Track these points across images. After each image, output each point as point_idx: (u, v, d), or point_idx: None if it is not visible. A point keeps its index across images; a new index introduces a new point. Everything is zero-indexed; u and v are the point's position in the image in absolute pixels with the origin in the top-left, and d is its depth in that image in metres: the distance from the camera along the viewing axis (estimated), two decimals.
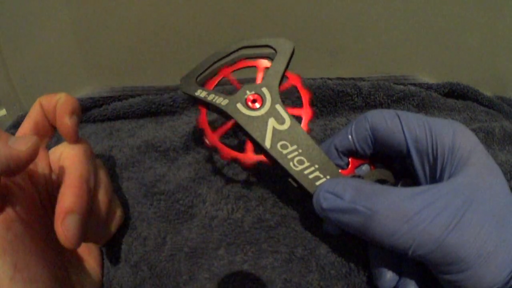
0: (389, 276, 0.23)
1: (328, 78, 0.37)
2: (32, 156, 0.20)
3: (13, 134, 0.35)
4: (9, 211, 0.20)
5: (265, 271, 0.25)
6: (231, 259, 0.26)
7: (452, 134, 0.21)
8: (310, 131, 0.25)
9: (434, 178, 0.22)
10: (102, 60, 0.43)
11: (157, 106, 0.36)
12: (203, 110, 0.26)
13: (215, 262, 0.26)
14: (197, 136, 0.33)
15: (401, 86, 0.36)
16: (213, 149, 0.25)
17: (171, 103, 0.36)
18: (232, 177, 0.30)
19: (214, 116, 0.29)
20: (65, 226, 0.20)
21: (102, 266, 0.27)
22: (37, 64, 0.42)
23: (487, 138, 0.33)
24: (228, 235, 0.27)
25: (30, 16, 0.39)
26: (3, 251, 0.18)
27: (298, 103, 0.27)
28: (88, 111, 0.37)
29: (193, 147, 0.33)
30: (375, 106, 0.36)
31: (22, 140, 0.20)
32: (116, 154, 0.32)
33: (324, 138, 0.33)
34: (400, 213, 0.19)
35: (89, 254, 0.26)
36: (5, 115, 0.44)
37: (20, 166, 0.19)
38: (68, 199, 0.21)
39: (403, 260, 0.23)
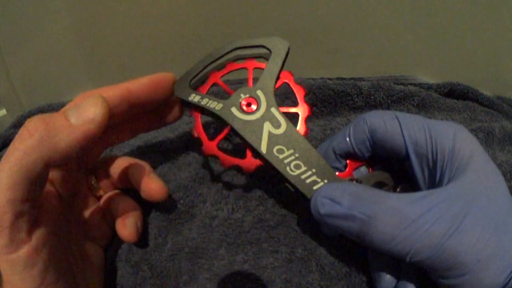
0: (388, 278, 0.23)
1: (328, 78, 0.37)
2: (101, 131, 0.18)
3: (13, 134, 0.35)
4: (40, 232, 0.19)
5: (265, 271, 0.25)
6: (231, 259, 0.26)
7: (452, 138, 0.21)
8: (308, 130, 0.25)
9: (434, 181, 0.22)
10: (102, 60, 0.43)
11: None
12: (198, 118, 0.26)
13: (216, 262, 0.26)
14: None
15: (401, 86, 0.36)
16: (212, 157, 0.25)
17: None
18: (233, 177, 0.30)
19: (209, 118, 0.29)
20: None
21: (105, 267, 0.27)
22: (37, 64, 0.42)
23: (487, 138, 0.33)
24: (228, 235, 0.27)
25: (30, 16, 0.39)
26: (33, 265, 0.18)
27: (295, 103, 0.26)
28: None
29: (193, 147, 0.33)
30: (375, 106, 0.36)
31: (87, 111, 0.18)
32: (117, 155, 0.32)
33: (324, 138, 0.33)
34: (398, 219, 0.19)
35: (94, 256, 0.26)
36: (5, 115, 0.44)
37: (84, 149, 0.18)
38: None
39: (402, 263, 0.23)
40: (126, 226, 0.25)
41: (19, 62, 0.41)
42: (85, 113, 0.18)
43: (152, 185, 0.25)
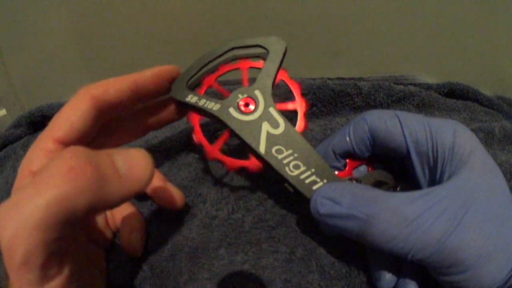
0: (388, 277, 0.23)
1: (328, 78, 0.37)
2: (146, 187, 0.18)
3: (13, 134, 0.35)
4: (69, 261, 0.17)
5: (265, 271, 0.25)
6: (231, 259, 0.26)
7: (452, 135, 0.21)
8: (308, 124, 0.25)
9: (434, 179, 0.22)
10: (102, 60, 0.43)
11: None
12: (197, 124, 0.25)
13: (216, 262, 0.26)
14: None
15: (401, 86, 0.36)
16: (216, 161, 0.25)
17: None
18: (233, 177, 0.30)
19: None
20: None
21: (107, 269, 0.27)
22: (37, 64, 0.42)
23: (487, 138, 0.33)
24: (228, 235, 0.27)
25: (30, 16, 0.39)
26: None
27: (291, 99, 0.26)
28: None
29: (193, 147, 0.33)
30: (375, 106, 0.36)
31: (137, 168, 0.17)
32: None
33: (324, 138, 0.33)
34: (399, 218, 0.19)
35: (97, 258, 0.26)
36: (5, 115, 0.44)
37: (128, 200, 0.17)
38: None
39: (402, 261, 0.23)
40: (131, 242, 0.25)
41: (19, 62, 0.41)
42: (136, 170, 0.17)
43: (173, 192, 0.26)
